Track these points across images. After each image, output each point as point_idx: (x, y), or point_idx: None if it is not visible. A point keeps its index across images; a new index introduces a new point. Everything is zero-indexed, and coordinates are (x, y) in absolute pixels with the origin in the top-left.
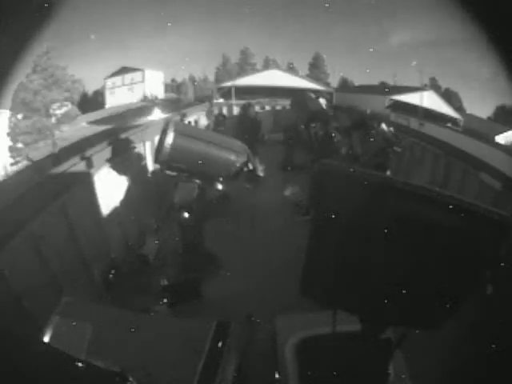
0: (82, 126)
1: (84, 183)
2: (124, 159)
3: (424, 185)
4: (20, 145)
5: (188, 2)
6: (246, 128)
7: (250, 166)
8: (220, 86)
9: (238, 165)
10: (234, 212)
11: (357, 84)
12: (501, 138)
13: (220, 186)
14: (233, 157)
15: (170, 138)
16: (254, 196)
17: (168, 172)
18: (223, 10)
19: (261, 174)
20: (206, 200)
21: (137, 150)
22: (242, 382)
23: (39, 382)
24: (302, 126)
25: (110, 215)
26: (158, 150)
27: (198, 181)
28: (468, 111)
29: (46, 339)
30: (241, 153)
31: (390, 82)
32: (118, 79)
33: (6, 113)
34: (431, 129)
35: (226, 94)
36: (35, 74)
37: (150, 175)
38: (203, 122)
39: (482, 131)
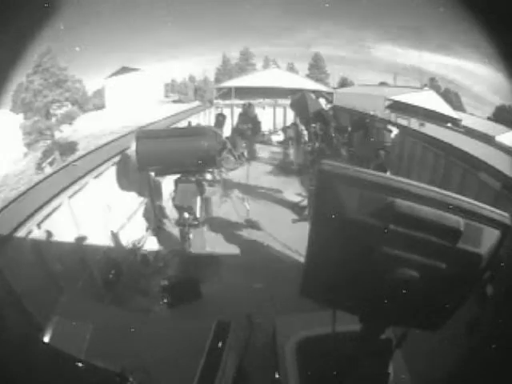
0: (82, 126)
1: (84, 183)
2: (124, 159)
3: (424, 185)
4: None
5: (188, 3)
6: (247, 128)
7: (228, 146)
8: (220, 86)
9: (209, 149)
10: (234, 212)
11: (357, 84)
12: (501, 138)
13: (209, 176)
14: (203, 142)
15: (133, 146)
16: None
17: (158, 176)
18: (224, 10)
19: (243, 153)
20: (206, 199)
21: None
22: (242, 382)
23: (39, 381)
24: (302, 126)
25: (110, 215)
26: None
27: (193, 178)
28: (468, 111)
29: (46, 339)
30: (210, 137)
31: (391, 82)
32: (118, 79)
33: (7, 113)
34: (431, 129)
35: (226, 94)
36: (36, 74)
37: (149, 175)
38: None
39: (482, 131)
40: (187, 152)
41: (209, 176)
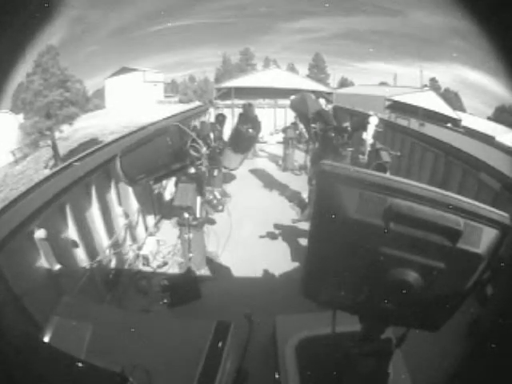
0: (82, 126)
1: (84, 183)
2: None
3: (424, 185)
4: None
5: (188, 3)
6: (247, 128)
7: (193, 136)
8: (220, 86)
9: (174, 143)
10: (233, 212)
11: (357, 84)
12: (501, 138)
13: (193, 170)
14: (167, 139)
15: (117, 164)
16: (252, 195)
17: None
18: (224, 10)
19: (208, 135)
20: (206, 199)
21: None
22: (242, 382)
23: (39, 381)
24: (302, 127)
25: (110, 215)
26: None
27: (192, 178)
28: (468, 111)
29: (46, 339)
30: (173, 132)
31: (391, 83)
32: (118, 79)
33: (7, 113)
34: (431, 129)
35: (226, 94)
36: (36, 74)
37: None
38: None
39: (481, 131)
40: (158, 153)
41: (193, 170)
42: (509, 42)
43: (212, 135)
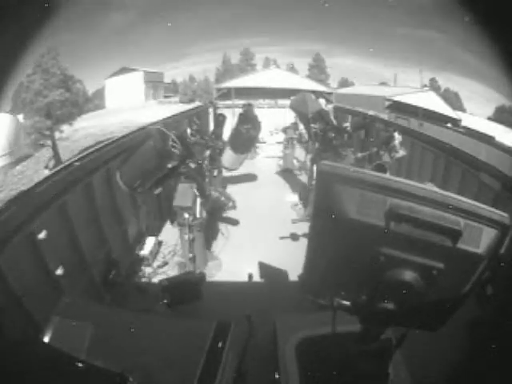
0: (82, 126)
1: (84, 183)
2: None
3: (424, 185)
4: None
5: (188, 3)
6: (247, 128)
7: (172, 136)
8: (220, 86)
9: (156, 145)
10: (234, 212)
11: (357, 84)
12: (501, 138)
13: (184, 169)
14: (151, 143)
15: (117, 175)
16: (254, 196)
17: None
18: (224, 10)
19: (185, 130)
20: (207, 200)
21: None
22: (242, 382)
23: (39, 382)
24: (302, 127)
25: (110, 215)
26: None
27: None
28: (468, 111)
29: (46, 339)
30: (154, 135)
31: (391, 83)
32: (117, 79)
33: (7, 113)
34: (431, 129)
35: (226, 94)
36: (36, 74)
37: None
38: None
39: (482, 131)
40: (146, 157)
41: (183, 169)
42: (509, 42)
43: (189, 130)
